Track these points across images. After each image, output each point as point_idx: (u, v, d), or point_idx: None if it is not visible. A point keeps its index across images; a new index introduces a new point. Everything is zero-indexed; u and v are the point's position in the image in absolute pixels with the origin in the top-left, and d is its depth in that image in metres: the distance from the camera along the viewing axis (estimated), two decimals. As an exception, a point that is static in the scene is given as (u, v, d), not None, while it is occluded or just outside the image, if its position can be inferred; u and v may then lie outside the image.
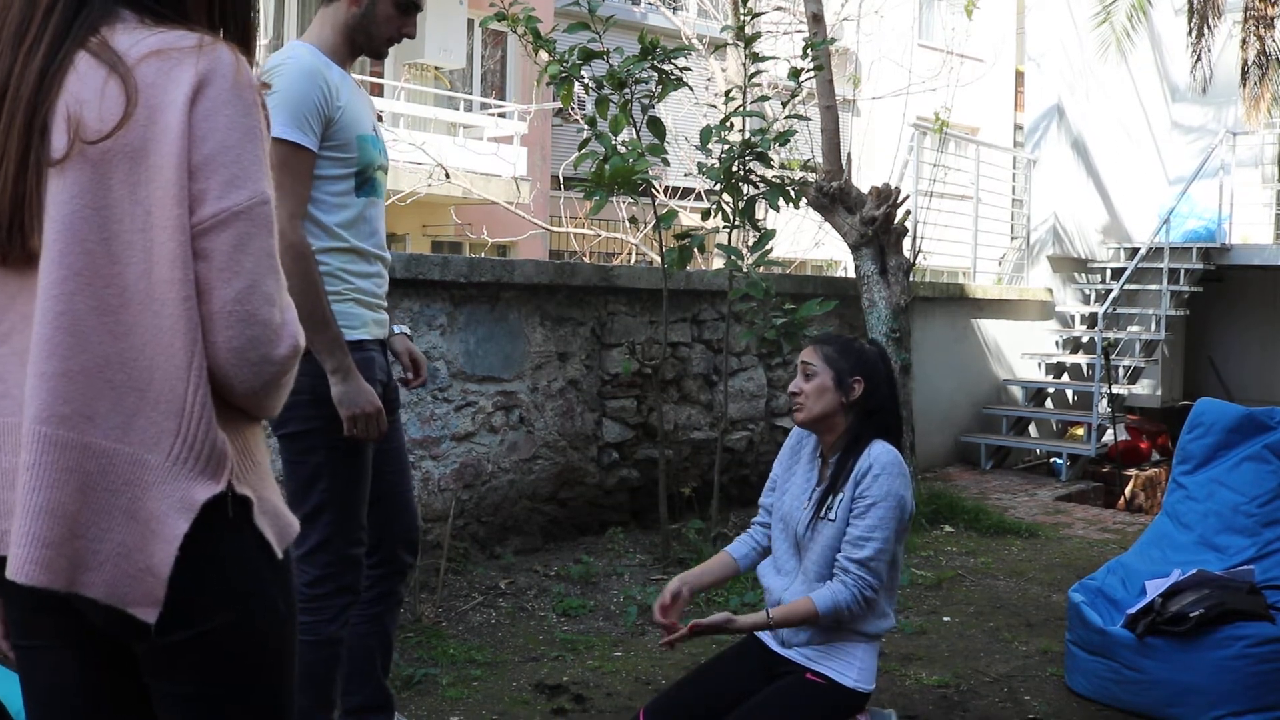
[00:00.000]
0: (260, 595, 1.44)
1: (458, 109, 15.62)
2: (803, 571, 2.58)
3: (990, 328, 9.43)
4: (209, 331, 1.35)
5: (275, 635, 1.47)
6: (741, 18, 5.49)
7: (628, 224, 10.85)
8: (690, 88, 5.53)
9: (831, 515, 2.53)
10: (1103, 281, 10.34)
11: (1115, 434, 9.21)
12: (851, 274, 7.30)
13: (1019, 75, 17.96)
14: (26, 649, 1.49)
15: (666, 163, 5.30)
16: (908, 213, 6.90)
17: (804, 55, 5.96)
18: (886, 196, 6.58)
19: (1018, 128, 18.09)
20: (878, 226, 6.56)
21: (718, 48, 7.31)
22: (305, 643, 2.69)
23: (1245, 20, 10.08)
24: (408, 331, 3.06)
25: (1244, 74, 10.04)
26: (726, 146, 5.35)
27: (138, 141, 1.33)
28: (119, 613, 1.35)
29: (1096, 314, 9.26)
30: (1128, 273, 9.21)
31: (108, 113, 1.33)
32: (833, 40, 6.66)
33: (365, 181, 2.72)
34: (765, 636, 2.69)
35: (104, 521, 1.34)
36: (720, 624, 2.48)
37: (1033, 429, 9.58)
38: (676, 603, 2.59)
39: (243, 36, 1.47)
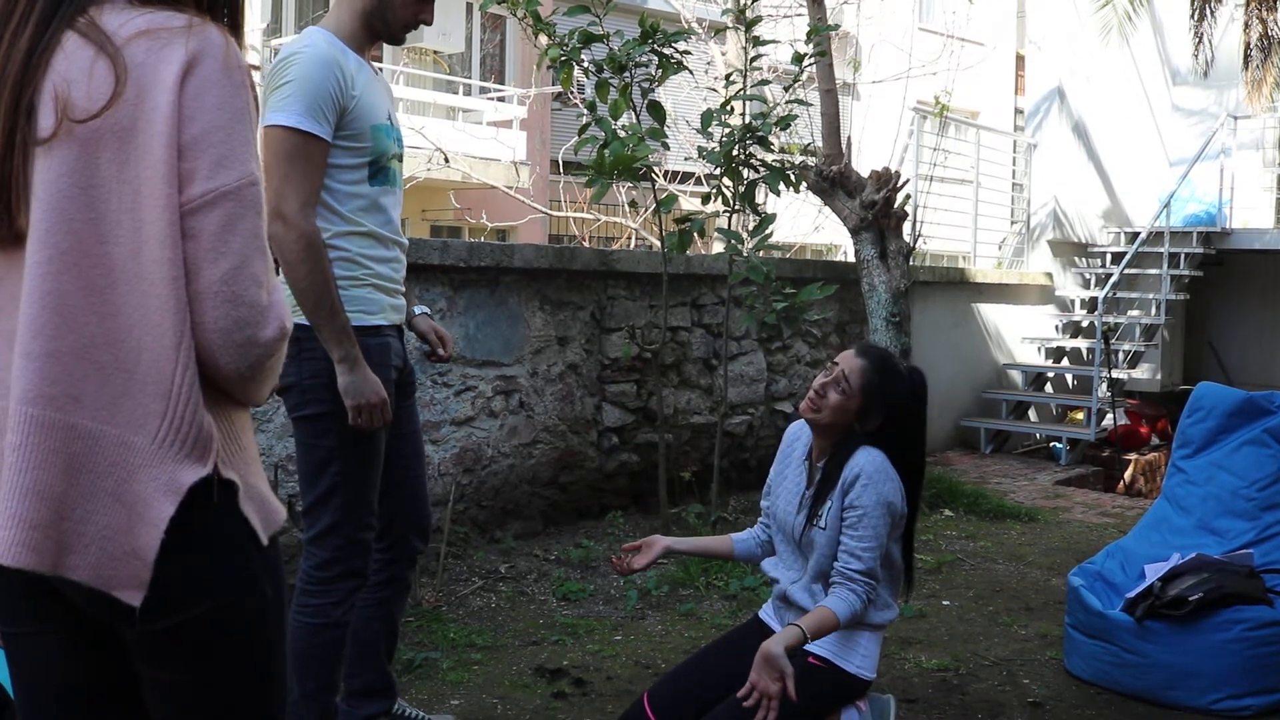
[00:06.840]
0: (247, 580, 1.42)
1: (457, 93, 15.56)
2: (808, 572, 2.60)
3: (990, 312, 9.42)
4: (195, 311, 1.34)
5: (263, 620, 1.45)
6: (741, 1, 5.47)
7: (627, 208, 10.83)
8: (690, 71, 5.51)
9: (822, 524, 2.55)
10: (1103, 266, 10.33)
11: (1115, 418, 9.22)
12: (851, 258, 7.29)
13: (1019, 59, 17.87)
14: (12, 636, 1.47)
15: (666, 147, 5.28)
16: (908, 197, 6.88)
17: (806, 40, 5.94)
18: (886, 180, 6.56)
19: (1018, 111, 18.01)
20: (878, 211, 6.55)
21: (718, 31, 7.28)
22: (311, 625, 2.71)
23: (1247, 3, 10.05)
24: (428, 311, 3.09)
25: (1246, 57, 10.02)
26: (727, 130, 5.34)
27: (126, 121, 1.32)
28: (105, 596, 1.34)
29: (1096, 298, 9.25)
30: (1128, 257, 9.19)
31: (96, 92, 1.32)
32: (835, 26, 6.64)
33: (379, 171, 2.70)
34: (769, 620, 2.70)
35: (90, 503, 1.33)
36: (768, 653, 2.29)
37: (1032, 413, 9.58)
38: (645, 549, 2.69)
39: (232, 18, 1.46)
